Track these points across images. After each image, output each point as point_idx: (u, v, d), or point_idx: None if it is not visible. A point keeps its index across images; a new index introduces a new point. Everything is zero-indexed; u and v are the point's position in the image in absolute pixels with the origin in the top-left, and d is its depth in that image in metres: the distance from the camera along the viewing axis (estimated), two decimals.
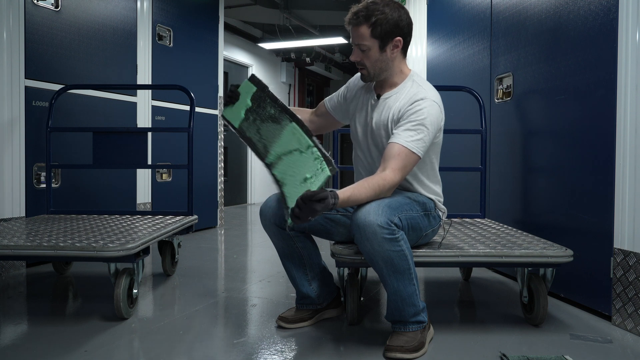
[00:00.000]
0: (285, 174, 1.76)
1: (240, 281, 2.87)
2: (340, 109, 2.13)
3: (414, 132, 1.80)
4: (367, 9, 1.83)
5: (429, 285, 2.80)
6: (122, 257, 2.02)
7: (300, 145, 1.76)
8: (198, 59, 4.65)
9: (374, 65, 1.89)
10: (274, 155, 1.81)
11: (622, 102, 2.04)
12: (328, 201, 1.59)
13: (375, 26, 1.82)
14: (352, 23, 1.85)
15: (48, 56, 3.16)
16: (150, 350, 1.83)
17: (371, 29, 1.83)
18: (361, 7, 1.84)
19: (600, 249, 2.17)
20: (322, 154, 1.71)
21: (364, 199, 1.73)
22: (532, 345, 1.89)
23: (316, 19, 7.21)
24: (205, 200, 4.68)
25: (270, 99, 1.84)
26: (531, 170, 2.76)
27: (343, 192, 1.68)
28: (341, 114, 2.14)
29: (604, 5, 2.16)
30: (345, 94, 2.11)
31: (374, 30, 1.83)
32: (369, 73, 1.91)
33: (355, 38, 1.86)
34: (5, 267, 2.89)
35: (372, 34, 1.83)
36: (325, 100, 2.17)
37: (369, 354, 1.79)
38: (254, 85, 1.87)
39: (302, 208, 1.56)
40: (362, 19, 1.83)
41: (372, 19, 1.82)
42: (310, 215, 1.58)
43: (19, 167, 2.99)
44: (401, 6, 1.89)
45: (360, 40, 1.85)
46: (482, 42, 3.20)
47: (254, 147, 1.87)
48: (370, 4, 1.84)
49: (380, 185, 1.75)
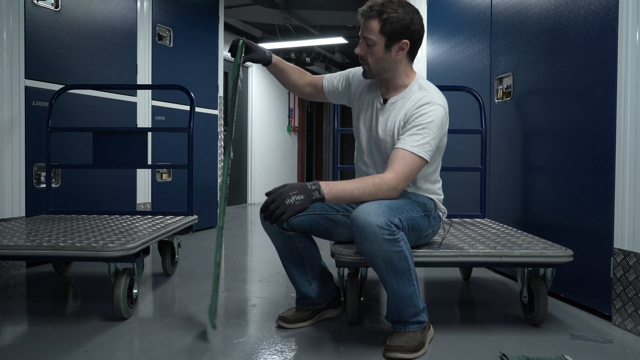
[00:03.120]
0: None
1: (240, 281, 2.87)
2: (337, 95, 2.13)
3: (419, 136, 1.80)
4: (382, 4, 1.83)
5: (429, 285, 2.80)
6: (122, 257, 2.01)
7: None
8: (198, 59, 4.64)
9: (376, 62, 1.89)
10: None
11: (622, 102, 2.04)
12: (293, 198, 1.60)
13: (386, 23, 1.82)
14: (365, 15, 1.86)
15: (48, 56, 3.16)
16: (150, 350, 1.83)
17: (381, 24, 1.83)
18: (377, 2, 1.85)
19: (600, 249, 2.17)
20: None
21: (357, 195, 1.71)
22: (532, 345, 1.89)
23: (316, 19, 7.21)
24: (205, 200, 4.68)
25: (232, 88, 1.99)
26: (531, 170, 2.76)
27: (334, 184, 1.68)
28: (336, 98, 2.15)
29: (604, 5, 2.16)
30: (345, 85, 2.09)
31: (383, 27, 1.83)
32: (370, 69, 1.91)
33: (364, 31, 1.86)
34: (5, 267, 2.89)
35: (381, 30, 1.83)
36: (325, 79, 2.15)
37: (369, 354, 1.79)
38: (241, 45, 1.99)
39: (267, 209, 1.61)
40: (375, 13, 1.83)
41: (384, 15, 1.82)
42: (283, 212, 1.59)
43: (19, 167, 2.99)
44: (417, 11, 1.88)
45: (368, 34, 1.85)
46: (482, 42, 3.20)
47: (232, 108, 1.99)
48: (387, 2, 1.84)
49: (376, 184, 1.74)
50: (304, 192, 1.62)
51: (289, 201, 1.60)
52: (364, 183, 1.74)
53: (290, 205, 1.60)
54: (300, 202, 1.61)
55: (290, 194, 1.60)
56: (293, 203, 1.60)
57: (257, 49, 2.03)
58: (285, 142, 9.05)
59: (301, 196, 1.61)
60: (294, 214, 1.61)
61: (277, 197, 1.60)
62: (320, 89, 2.15)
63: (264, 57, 2.06)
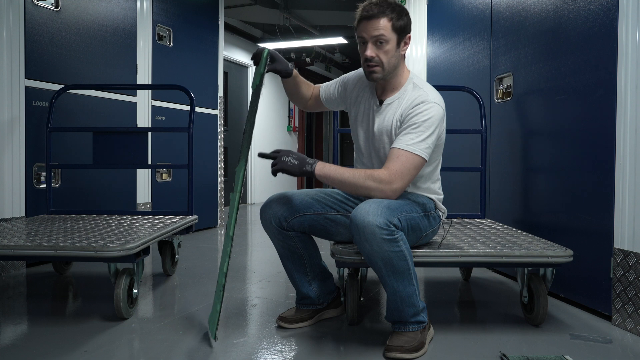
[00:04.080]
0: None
1: (240, 281, 2.87)
2: (335, 102, 2.13)
3: (415, 134, 1.79)
4: (384, 2, 1.80)
5: (429, 285, 2.80)
6: (122, 257, 2.01)
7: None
8: (198, 59, 4.64)
9: (389, 61, 1.84)
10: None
11: (622, 102, 2.04)
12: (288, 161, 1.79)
13: (397, 19, 1.80)
14: (372, 15, 1.79)
15: (48, 56, 3.16)
16: (150, 350, 1.83)
17: (392, 22, 1.80)
18: (377, 1, 1.81)
19: (600, 249, 2.17)
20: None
21: (347, 179, 1.80)
22: (532, 345, 1.89)
23: (316, 19, 7.21)
24: (205, 200, 4.68)
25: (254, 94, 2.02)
26: (531, 170, 2.76)
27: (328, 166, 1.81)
28: (333, 105, 2.15)
29: (604, 5, 2.16)
30: (342, 90, 2.09)
31: (395, 23, 1.80)
32: (383, 70, 1.85)
33: (373, 30, 1.80)
34: (5, 267, 2.89)
35: (393, 27, 1.80)
36: (322, 88, 2.14)
37: (369, 354, 1.79)
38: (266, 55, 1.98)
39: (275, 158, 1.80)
40: (388, 11, 1.79)
41: (392, 12, 1.79)
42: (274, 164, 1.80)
43: (19, 167, 2.99)
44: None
45: (382, 32, 1.79)
46: (482, 42, 3.20)
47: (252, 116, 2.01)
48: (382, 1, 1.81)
49: (367, 174, 1.78)
50: (299, 160, 1.80)
51: (285, 159, 1.80)
52: (355, 170, 1.82)
53: (284, 163, 1.79)
54: (292, 165, 1.80)
55: (289, 155, 1.81)
56: (286, 162, 1.79)
57: (280, 59, 1.99)
58: (285, 142, 9.05)
59: (296, 162, 1.80)
60: (282, 171, 1.79)
61: (278, 153, 1.82)
62: (318, 97, 2.15)
63: (286, 68, 2.02)
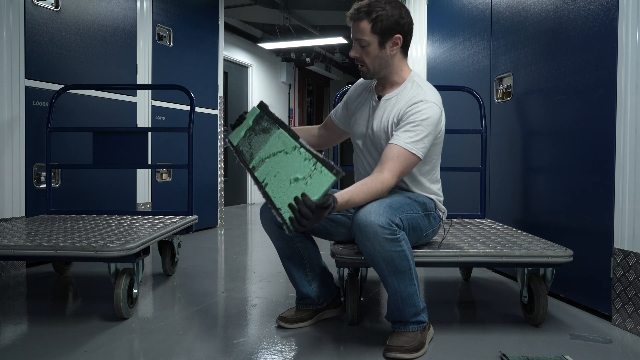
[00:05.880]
0: (267, 174, 1.74)
1: (240, 281, 2.87)
2: (346, 118, 2.14)
3: (413, 133, 1.80)
4: (369, 5, 1.86)
5: (429, 285, 2.80)
6: (122, 257, 2.02)
7: (285, 147, 1.74)
8: (198, 59, 4.64)
9: (373, 61, 1.91)
10: (258, 159, 1.83)
11: (622, 102, 2.04)
12: (332, 207, 1.58)
13: (376, 22, 1.84)
14: (354, 18, 1.88)
15: (48, 56, 3.16)
16: (150, 350, 1.83)
17: (372, 24, 1.85)
18: (363, 3, 1.87)
19: (600, 249, 2.17)
20: (314, 155, 1.64)
21: (361, 202, 1.73)
22: (532, 345, 1.89)
23: (316, 19, 7.21)
24: (205, 200, 4.68)
25: (267, 115, 1.91)
26: (531, 170, 2.76)
27: (341, 195, 1.67)
28: (347, 124, 2.15)
29: (604, 5, 2.16)
30: (346, 102, 2.13)
31: (374, 26, 1.85)
32: (368, 70, 1.93)
33: (356, 33, 1.88)
34: (5, 267, 2.89)
35: (372, 30, 1.86)
36: (331, 113, 2.20)
37: (369, 354, 1.79)
38: (259, 108, 1.97)
39: (310, 218, 1.52)
40: (363, 14, 1.85)
41: (373, 14, 1.84)
42: (316, 223, 1.57)
43: (19, 167, 2.99)
44: (402, 5, 1.90)
45: (361, 35, 1.87)
46: (482, 42, 3.20)
47: (241, 157, 1.91)
48: (372, 1, 1.86)
49: (378, 190, 1.76)
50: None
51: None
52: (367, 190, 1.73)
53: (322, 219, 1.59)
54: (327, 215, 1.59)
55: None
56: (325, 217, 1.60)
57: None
58: None
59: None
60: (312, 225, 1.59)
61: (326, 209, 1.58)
62: (332, 123, 2.18)
63: None
